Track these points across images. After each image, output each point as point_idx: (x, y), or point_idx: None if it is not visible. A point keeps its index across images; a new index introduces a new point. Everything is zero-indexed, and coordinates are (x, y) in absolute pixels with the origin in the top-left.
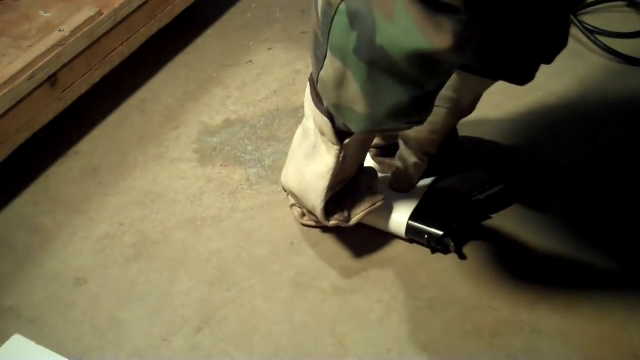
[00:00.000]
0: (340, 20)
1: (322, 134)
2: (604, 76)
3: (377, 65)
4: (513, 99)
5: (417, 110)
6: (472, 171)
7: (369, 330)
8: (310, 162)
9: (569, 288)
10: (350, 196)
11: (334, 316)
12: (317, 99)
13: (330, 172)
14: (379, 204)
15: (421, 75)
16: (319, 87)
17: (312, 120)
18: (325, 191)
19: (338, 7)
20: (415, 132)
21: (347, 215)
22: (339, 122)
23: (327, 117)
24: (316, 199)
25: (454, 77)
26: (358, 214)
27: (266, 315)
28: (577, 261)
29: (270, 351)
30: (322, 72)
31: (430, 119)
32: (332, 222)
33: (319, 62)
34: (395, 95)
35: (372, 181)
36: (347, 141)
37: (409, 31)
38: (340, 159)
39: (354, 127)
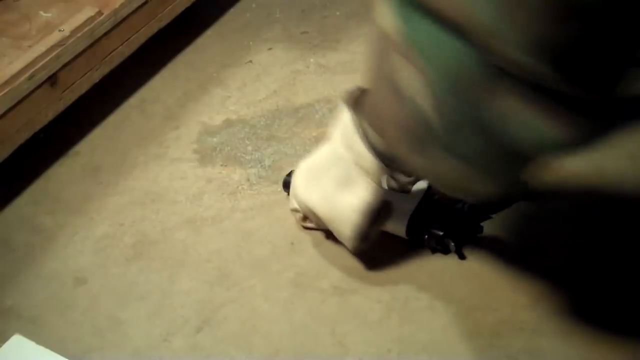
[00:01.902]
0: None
1: (362, 168)
2: None
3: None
4: None
5: None
6: None
7: (369, 330)
8: (344, 191)
9: (569, 288)
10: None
11: (334, 316)
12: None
13: (368, 207)
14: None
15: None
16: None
17: (349, 150)
18: (360, 225)
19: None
20: None
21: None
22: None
23: (382, 163)
24: (350, 231)
25: None
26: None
27: (266, 315)
28: (577, 261)
29: (270, 351)
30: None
31: None
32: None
33: (425, 160)
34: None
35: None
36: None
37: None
38: (378, 196)
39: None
